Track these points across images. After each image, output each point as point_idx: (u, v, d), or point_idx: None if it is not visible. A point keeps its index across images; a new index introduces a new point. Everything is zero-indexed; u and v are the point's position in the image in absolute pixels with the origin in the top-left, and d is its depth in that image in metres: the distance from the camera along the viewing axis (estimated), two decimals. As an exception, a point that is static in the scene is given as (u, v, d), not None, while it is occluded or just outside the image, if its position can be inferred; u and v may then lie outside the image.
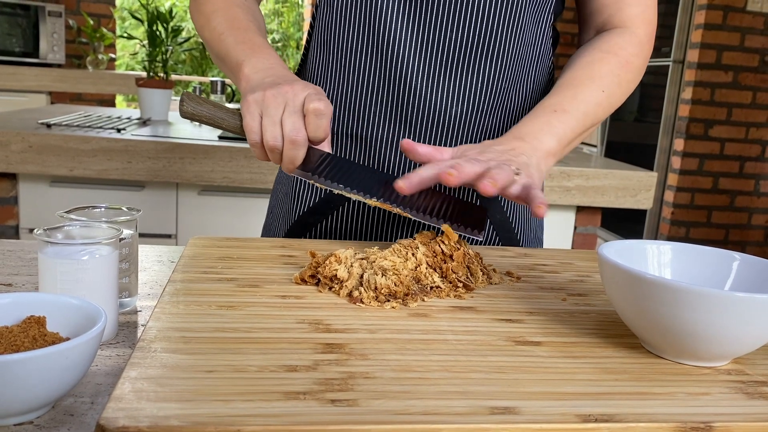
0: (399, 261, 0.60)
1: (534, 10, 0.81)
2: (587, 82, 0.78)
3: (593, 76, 0.79)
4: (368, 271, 0.59)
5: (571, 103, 0.76)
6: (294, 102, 0.67)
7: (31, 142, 1.56)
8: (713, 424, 0.39)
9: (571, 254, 0.79)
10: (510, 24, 0.79)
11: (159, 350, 0.43)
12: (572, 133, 0.75)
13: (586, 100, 0.77)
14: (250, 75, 0.73)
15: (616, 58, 0.80)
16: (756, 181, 3.82)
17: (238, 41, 0.78)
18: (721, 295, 0.44)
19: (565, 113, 0.75)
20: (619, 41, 0.82)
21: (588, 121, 0.77)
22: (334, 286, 0.58)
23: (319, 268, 0.60)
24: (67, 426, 0.42)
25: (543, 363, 0.46)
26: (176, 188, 1.70)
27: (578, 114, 0.76)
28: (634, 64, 0.82)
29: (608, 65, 0.80)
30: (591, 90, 0.78)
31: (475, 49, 0.79)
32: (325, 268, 0.60)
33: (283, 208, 0.92)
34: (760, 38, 3.65)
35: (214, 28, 0.81)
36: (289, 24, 9.86)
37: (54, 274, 0.52)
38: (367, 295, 0.56)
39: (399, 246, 0.63)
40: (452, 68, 0.80)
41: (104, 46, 4.02)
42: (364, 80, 0.81)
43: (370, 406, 0.38)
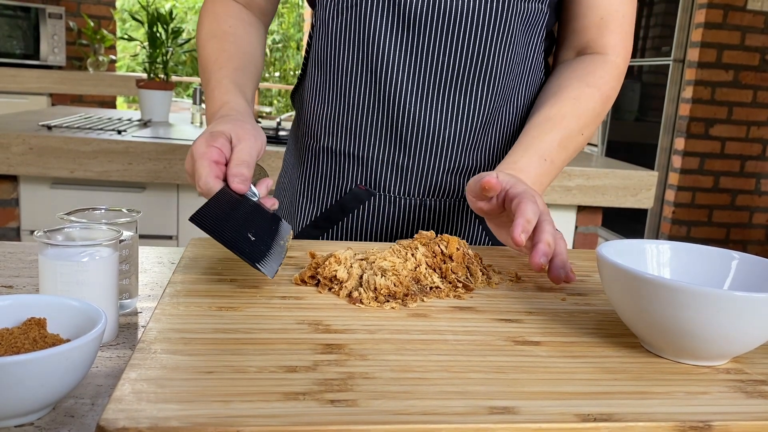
0: (398, 261, 0.60)
1: (525, 28, 0.82)
2: (572, 123, 0.80)
3: (579, 115, 0.81)
4: (368, 272, 0.59)
5: (558, 154, 0.79)
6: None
7: (32, 144, 1.57)
8: (712, 423, 0.39)
9: (572, 254, 0.79)
10: (500, 44, 0.80)
11: (159, 351, 0.44)
12: (548, 185, 0.80)
13: (569, 147, 0.81)
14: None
15: (599, 93, 0.83)
16: (757, 179, 3.82)
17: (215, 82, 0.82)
18: (720, 295, 0.44)
19: (552, 165, 0.79)
20: (601, 73, 0.83)
21: (561, 169, 0.82)
22: (334, 287, 0.58)
23: (318, 269, 0.60)
24: (67, 427, 0.42)
25: (542, 363, 0.46)
26: (177, 190, 1.70)
27: (560, 165, 0.81)
28: (611, 98, 0.85)
29: (593, 102, 0.82)
30: (575, 136, 0.81)
31: (466, 69, 0.80)
32: (325, 269, 0.60)
33: (301, 205, 0.92)
34: (760, 37, 3.64)
35: (204, 56, 0.87)
36: (289, 25, 9.87)
37: (54, 275, 0.52)
38: (366, 295, 0.56)
39: (398, 246, 0.63)
40: (444, 88, 0.81)
41: (105, 48, 4.03)
42: (359, 101, 0.83)
43: (369, 407, 0.38)
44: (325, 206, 0.88)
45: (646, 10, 4.29)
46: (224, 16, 0.89)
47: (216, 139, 0.68)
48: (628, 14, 0.84)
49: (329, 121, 0.86)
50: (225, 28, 0.87)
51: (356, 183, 0.86)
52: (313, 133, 0.89)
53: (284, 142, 1.88)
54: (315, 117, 0.88)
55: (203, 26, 0.89)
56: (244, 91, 0.81)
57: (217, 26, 0.88)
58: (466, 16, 0.78)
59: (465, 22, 0.78)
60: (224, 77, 0.82)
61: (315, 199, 0.89)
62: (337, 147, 0.86)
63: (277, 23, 9.78)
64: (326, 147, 0.88)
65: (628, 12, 0.84)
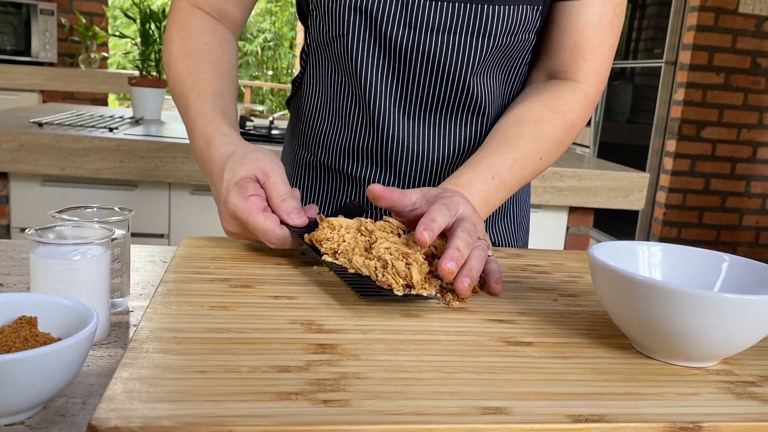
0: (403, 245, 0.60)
1: (510, 57, 0.82)
2: (529, 146, 0.77)
3: (537, 138, 0.78)
4: (390, 256, 0.57)
5: (510, 173, 0.76)
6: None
7: (23, 141, 1.56)
8: (702, 424, 0.39)
9: (563, 255, 0.79)
10: (484, 75, 0.81)
11: (151, 351, 0.43)
12: (500, 201, 0.76)
13: (525, 168, 0.77)
14: (216, 177, 0.69)
15: (562, 120, 0.80)
16: (747, 182, 3.85)
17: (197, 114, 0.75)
18: (711, 296, 0.45)
19: (502, 184, 0.75)
20: (568, 100, 0.80)
21: (520, 184, 0.79)
22: (324, 251, 0.61)
23: (315, 231, 0.63)
24: (58, 426, 0.42)
25: (534, 363, 0.46)
26: (169, 188, 1.69)
27: (512, 186, 0.77)
28: (577, 126, 0.82)
29: (554, 128, 0.79)
30: (531, 158, 0.78)
31: (451, 99, 0.81)
32: (317, 233, 0.62)
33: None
34: (751, 40, 3.67)
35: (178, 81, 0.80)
36: (282, 23, 9.85)
37: (45, 274, 0.52)
38: (396, 281, 0.56)
39: (385, 224, 0.64)
40: (430, 117, 0.82)
41: (96, 45, 4.01)
42: (352, 124, 0.84)
43: (362, 407, 0.38)
44: (341, 203, 0.88)
45: (639, 12, 4.30)
46: (197, 31, 0.83)
47: (247, 188, 0.64)
48: (605, 42, 0.81)
49: (324, 139, 0.87)
50: (200, 45, 0.81)
51: (350, 198, 0.87)
52: (309, 147, 0.89)
53: (277, 141, 1.88)
54: (311, 132, 0.88)
55: (173, 42, 0.82)
56: (228, 117, 0.76)
57: (191, 43, 0.81)
58: (450, 52, 0.78)
59: (449, 57, 0.78)
60: (205, 104, 0.76)
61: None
62: (331, 164, 0.87)
63: (269, 21, 9.76)
64: (321, 162, 0.88)
65: (606, 40, 0.81)
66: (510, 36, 0.78)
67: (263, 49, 9.76)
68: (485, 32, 0.77)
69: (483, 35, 0.77)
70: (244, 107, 5.80)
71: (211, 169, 0.70)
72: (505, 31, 0.77)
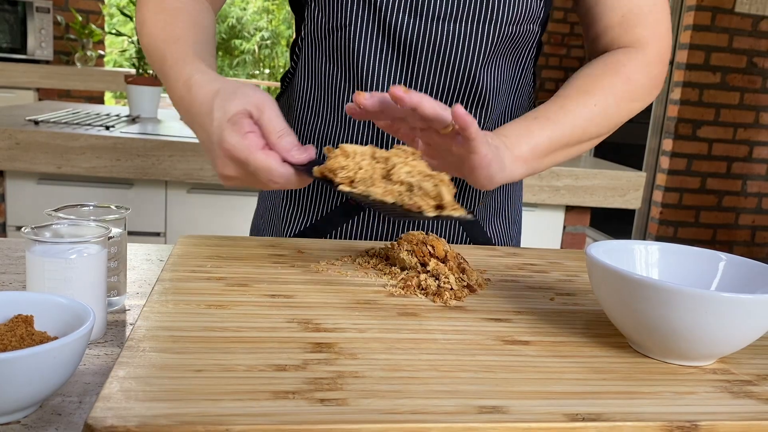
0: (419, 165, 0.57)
1: (515, 49, 0.81)
2: (578, 96, 0.75)
3: (587, 90, 0.75)
4: (414, 178, 0.55)
5: (556, 114, 0.73)
6: (265, 180, 0.61)
7: (19, 139, 1.55)
8: (699, 423, 0.40)
9: (560, 254, 0.79)
10: (490, 66, 0.80)
11: (147, 349, 0.43)
12: (550, 143, 0.71)
13: (574, 112, 0.73)
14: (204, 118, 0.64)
15: (615, 73, 0.77)
16: (743, 181, 3.85)
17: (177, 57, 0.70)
18: (707, 295, 0.45)
19: (547, 121, 0.72)
20: (621, 58, 0.79)
21: (575, 133, 0.73)
22: (339, 180, 0.56)
23: (326, 162, 0.58)
24: (54, 425, 0.42)
25: (531, 362, 0.46)
26: (165, 186, 1.69)
27: (562, 124, 0.72)
28: (637, 81, 0.78)
29: (605, 80, 0.77)
30: (581, 103, 0.74)
31: (457, 91, 0.80)
32: (329, 161, 0.57)
33: (286, 214, 0.89)
34: (748, 39, 3.67)
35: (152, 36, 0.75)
36: (278, 21, 9.83)
37: (42, 272, 0.51)
38: (426, 202, 0.53)
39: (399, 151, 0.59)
40: None
41: (93, 43, 4.00)
42: (348, 121, 0.82)
43: (359, 406, 0.38)
44: (313, 217, 0.86)
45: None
46: None
47: (242, 124, 0.59)
48: (658, 3, 0.79)
49: (319, 136, 0.84)
50: (175, 4, 0.76)
51: (347, 197, 0.84)
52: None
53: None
54: (303, 128, 0.86)
55: (146, 5, 0.77)
56: (209, 63, 0.70)
57: (164, 3, 0.76)
58: (456, 41, 0.77)
59: (455, 47, 0.77)
60: (182, 51, 0.70)
61: (302, 208, 0.87)
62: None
63: (266, 20, 9.74)
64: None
65: (657, 1, 0.79)
66: (516, 26, 0.78)
67: (260, 48, 9.74)
68: (491, 21, 0.76)
69: (489, 24, 0.76)
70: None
71: (196, 111, 0.64)
72: (511, 20, 0.77)
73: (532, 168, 0.71)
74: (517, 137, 0.69)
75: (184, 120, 0.68)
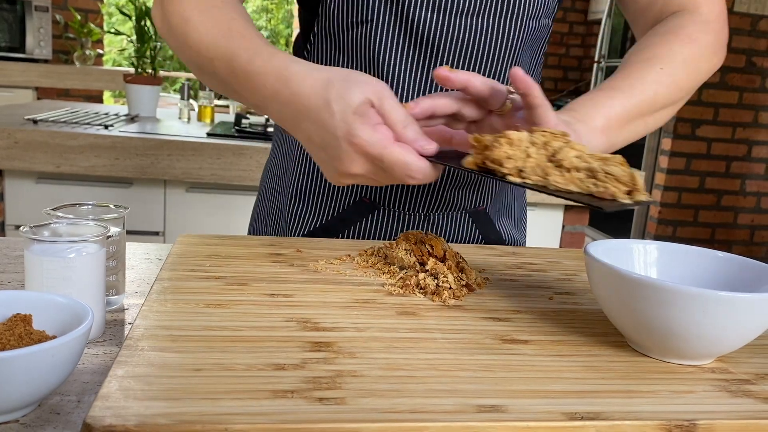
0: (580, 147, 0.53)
1: (532, 43, 0.81)
2: (641, 64, 0.71)
3: (648, 58, 0.71)
4: (592, 162, 0.51)
5: (622, 83, 0.69)
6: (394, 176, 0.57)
7: (17, 138, 1.55)
8: (697, 422, 0.40)
9: (559, 253, 0.79)
10: (510, 62, 0.78)
11: (146, 348, 0.43)
12: (624, 111, 0.67)
13: (642, 78, 0.69)
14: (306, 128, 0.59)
15: (674, 36, 0.73)
16: (742, 180, 3.86)
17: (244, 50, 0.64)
18: (706, 295, 0.45)
19: (614, 90, 0.68)
20: (676, 22, 0.75)
21: (646, 99, 0.69)
22: (507, 170, 0.52)
23: (486, 151, 0.54)
24: (53, 425, 0.42)
25: (530, 361, 0.46)
26: (164, 185, 1.69)
27: (631, 92, 0.68)
28: (699, 41, 0.73)
29: (665, 45, 0.72)
30: (646, 69, 0.70)
31: None
32: (494, 151, 0.53)
33: (295, 214, 0.86)
34: (746, 39, 3.67)
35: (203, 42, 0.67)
36: (278, 20, 9.83)
37: (40, 271, 0.51)
38: (618, 189, 0.49)
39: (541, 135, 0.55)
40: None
41: (92, 42, 3.99)
42: None
43: (358, 405, 0.38)
44: (325, 216, 0.84)
45: (635, 10, 4.30)
46: None
47: (369, 116, 0.55)
48: None
49: None
50: (216, 2, 0.70)
51: (360, 195, 0.82)
52: None
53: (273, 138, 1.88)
54: None
55: (186, 3, 0.69)
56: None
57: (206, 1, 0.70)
58: (477, 36, 0.76)
59: (477, 42, 0.76)
60: (257, 43, 0.63)
61: (312, 207, 0.84)
62: None
63: (265, 19, 9.73)
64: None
65: None
66: (535, 20, 0.77)
67: (259, 47, 9.72)
68: (514, 15, 0.76)
69: (512, 19, 0.76)
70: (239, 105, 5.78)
71: (302, 106, 0.58)
72: (532, 14, 0.76)
73: (611, 141, 0.67)
74: (589, 109, 0.66)
75: (277, 116, 0.62)
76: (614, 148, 0.68)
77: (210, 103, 2.30)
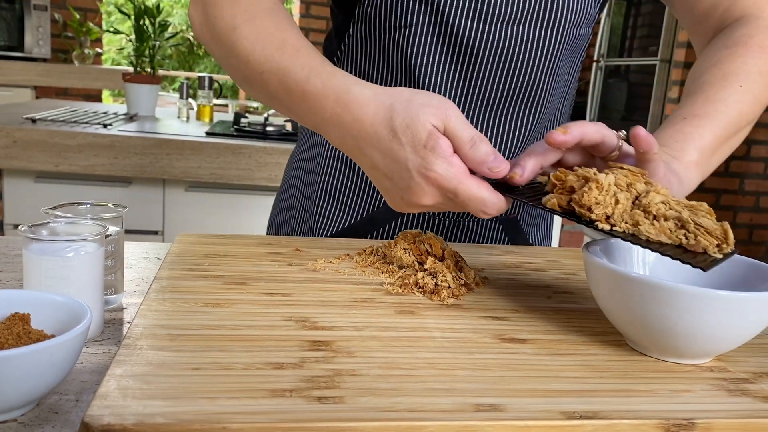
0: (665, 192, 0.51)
1: (571, 52, 0.80)
2: (719, 83, 0.67)
3: (724, 75, 0.68)
4: (680, 211, 0.49)
5: (705, 107, 0.65)
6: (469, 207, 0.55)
7: (16, 137, 1.55)
8: (695, 421, 0.40)
9: (558, 252, 0.79)
10: (549, 70, 0.78)
11: (145, 347, 0.43)
12: (714, 139, 0.64)
13: (724, 100, 0.66)
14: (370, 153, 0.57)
15: (745, 48, 0.69)
16: (741, 179, 3.86)
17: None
18: (704, 294, 0.45)
19: (699, 118, 0.64)
20: (743, 32, 0.71)
21: (732, 122, 0.66)
22: (596, 217, 0.50)
23: (574, 194, 0.52)
24: (51, 424, 0.42)
25: (528, 360, 0.46)
26: (163, 184, 1.69)
27: (717, 117, 0.65)
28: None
29: (738, 58, 0.69)
30: (726, 88, 0.67)
31: (513, 95, 0.78)
32: (583, 196, 0.50)
33: (324, 212, 0.85)
34: (745, 38, 3.67)
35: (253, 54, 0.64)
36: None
37: (39, 271, 0.51)
38: (710, 242, 0.48)
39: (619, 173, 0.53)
40: (488, 112, 0.78)
41: (90, 41, 3.99)
42: None
43: (356, 404, 0.38)
44: (354, 216, 0.83)
45: (634, 10, 4.31)
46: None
47: (440, 147, 0.53)
48: None
49: None
50: (267, 4, 0.67)
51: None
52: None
53: (272, 138, 1.88)
54: None
55: (233, 7, 0.66)
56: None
57: (260, 4, 0.66)
58: (516, 44, 0.75)
59: (516, 50, 0.75)
60: (313, 60, 0.61)
61: (342, 205, 0.83)
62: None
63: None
64: (353, 162, 0.80)
65: None
66: (576, 28, 0.77)
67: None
68: (554, 23, 0.75)
69: (553, 27, 0.75)
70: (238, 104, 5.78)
71: (365, 133, 0.56)
72: (572, 22, 0.75)
73: (703, 172, 0.65)
74: (681, 144, 0.63)
75: (337, 140, 0.60)
76: (706, 176, 0.66)
77: (209, 102, 2.30)
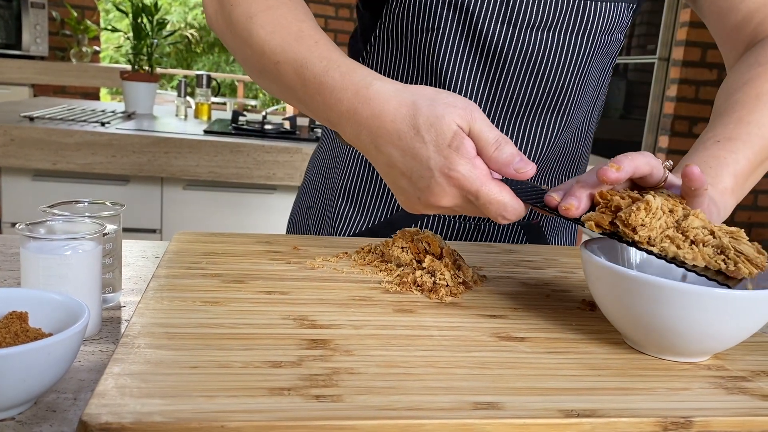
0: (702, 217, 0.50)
1: (602, 58, 0.79)
2: (752, 103, 0.65)
3: (758, 94, 0.66)
4: (721, 238, 0.49)
5: (738, 129, 0.63)
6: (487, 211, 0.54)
7: (14, 135, 1.55)
8: (693, 419, 0.40)
9: (556, 250, 0.79)
10: (580, 76, 0.77)
11: (143, 346, 0.43)
12: (748, 164, 0.62)
13: (757, 122, 0.64)
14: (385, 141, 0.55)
15: None
16: (738, 178, 3.86)
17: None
18: (702, 292, 0.45)
19: (732, 141, 0.62)
20: None
21: (765, 146, 0.64)
22: (640, 239, 0.49)
23: (620, 213, 0.51)
24: (49, 422, 0.42)
25: (526, 358, 0.46)
26: (161, 183, 1.69)
27: (752, 140, 0.63)
28: None
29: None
30: (759, 109, 0.65)
31: (542, 100, 0.77)
32: (630, 216, 0.50)
33: (343, 214, 0.84)
34: (743, 37, 3.68)
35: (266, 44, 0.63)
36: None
37: (36, 269, 0.51)
38: (749, 269, 0.47)
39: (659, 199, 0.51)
40: (516, 117, 0.78)
41: (88, 39, 3.99)
42: None
43: (354, 402, 0.38)
44: (372, 219, 0.82)
45: (632, 8, 4.30)
46: None
47: (465, 148, 0.52)
48: None
49: None
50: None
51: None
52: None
53: (270, 136, 1.88)
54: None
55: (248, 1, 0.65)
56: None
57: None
58: (546, 50, 0.74)
59: (545, 56, 0.74)
60: (331, 52, 0.59)
61: (361, 208, 0.83)
62: None
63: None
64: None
65: None
66: (608, 35, 0.76)
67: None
68: (585, 30, 0.74)
69: (583, 34, 0.74)
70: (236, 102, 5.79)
71: (384, 129, 0.54)
72: (603, 29, 0.75)
73: (738, 197, 0.63)
74: (715, 170, 0.61)
75: (351, 136, 0.58)
76: (740, 200, 0.64)
77: (207, 100, 2.30)
